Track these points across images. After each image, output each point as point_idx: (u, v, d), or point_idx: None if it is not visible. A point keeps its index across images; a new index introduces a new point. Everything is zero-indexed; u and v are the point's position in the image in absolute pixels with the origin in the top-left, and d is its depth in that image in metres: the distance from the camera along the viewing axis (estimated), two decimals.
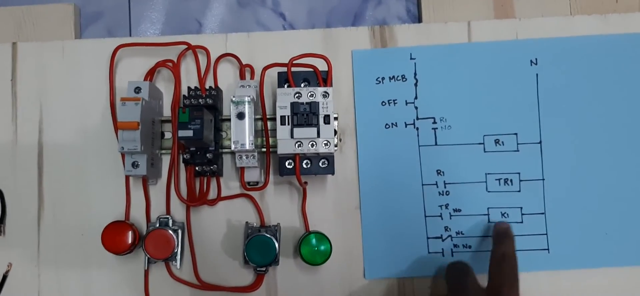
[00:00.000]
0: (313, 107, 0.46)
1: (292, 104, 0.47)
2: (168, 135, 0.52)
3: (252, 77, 0.53)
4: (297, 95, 0.47)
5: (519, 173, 0.52)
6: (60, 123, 0.53)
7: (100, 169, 0.52)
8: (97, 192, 0.52)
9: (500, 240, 0.48)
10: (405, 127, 0.53)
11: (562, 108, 0.52)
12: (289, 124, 0.47)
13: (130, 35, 0.57)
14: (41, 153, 0.53)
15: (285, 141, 0.46)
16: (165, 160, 0.52)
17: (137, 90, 0.49)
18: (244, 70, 0.53)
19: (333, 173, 0.48)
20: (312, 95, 0.47)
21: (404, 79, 0.53)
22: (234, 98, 0.47)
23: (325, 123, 0.46)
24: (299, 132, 0.46)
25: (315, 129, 0.46)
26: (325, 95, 0.47)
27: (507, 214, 0.51)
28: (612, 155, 0.52)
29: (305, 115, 0.46)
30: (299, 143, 0.46)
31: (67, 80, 0.54)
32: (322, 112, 0.47)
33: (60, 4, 0.55)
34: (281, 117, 0.47)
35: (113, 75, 0.53)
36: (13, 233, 0.52)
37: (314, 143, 0.46)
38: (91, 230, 0.51)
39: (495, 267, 0.46)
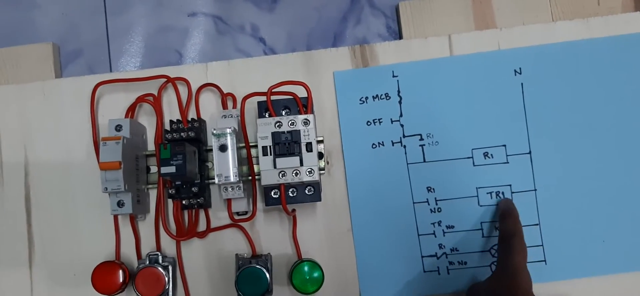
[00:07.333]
0: (294, 135, 0.46)
1: (273, 134, 0.46)
2: (154, 168, 0.51)
3: (234, 106, 0.52)
4: (278, 124, 0.46)
5: (510, 185, 0.51)
6: (46, 164, 0.53)
7: (89, 208, 0.52)
8: (87, 230, 0.52)
9: (504, 219, 0.47)
10: (392, 145, 0.52)
11: (549, 116, 0.51)
12: (271, 154, 0.46)
13: (110, 70, 0.56)
14: (28, 196, 0.52)
15: (269, 172, 0.46)
16: (153, 194, 0.51)
17: (118, 128, 0.49)
18: (225, 99, 0.52)
19: (320, 200, 0.48)
20: (292, 124, 0.46)
21: (388, 97, 0.52)
22: (214, 131, 0.46)
23: (307, 151, 0.46)
24: (282, 161, 0.45)
25: (297, 158, 0.45)
26: (306, 122, 0.46)
27: None
28: (602, 160, 0.51)
29: (287, 145, 0.46)
30: (282, 173, 0.46)
31: (49, 120, 0.53)
32: (303, 140, 0.46)
33: (39, 43, 0.55)
34: (263, 147, 0.46)
35: (95, 112, 0.52)
36: (5, 278, 0.52)
37: (298, 172, 0.45)
38: (83, 269, 0.50)
39: (503, 244, 0.46)
